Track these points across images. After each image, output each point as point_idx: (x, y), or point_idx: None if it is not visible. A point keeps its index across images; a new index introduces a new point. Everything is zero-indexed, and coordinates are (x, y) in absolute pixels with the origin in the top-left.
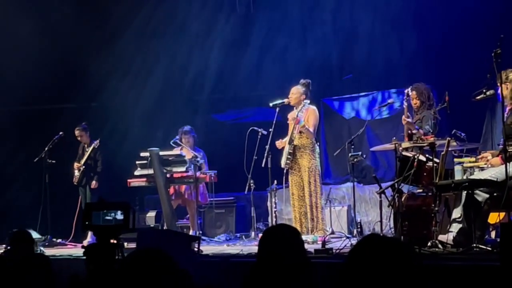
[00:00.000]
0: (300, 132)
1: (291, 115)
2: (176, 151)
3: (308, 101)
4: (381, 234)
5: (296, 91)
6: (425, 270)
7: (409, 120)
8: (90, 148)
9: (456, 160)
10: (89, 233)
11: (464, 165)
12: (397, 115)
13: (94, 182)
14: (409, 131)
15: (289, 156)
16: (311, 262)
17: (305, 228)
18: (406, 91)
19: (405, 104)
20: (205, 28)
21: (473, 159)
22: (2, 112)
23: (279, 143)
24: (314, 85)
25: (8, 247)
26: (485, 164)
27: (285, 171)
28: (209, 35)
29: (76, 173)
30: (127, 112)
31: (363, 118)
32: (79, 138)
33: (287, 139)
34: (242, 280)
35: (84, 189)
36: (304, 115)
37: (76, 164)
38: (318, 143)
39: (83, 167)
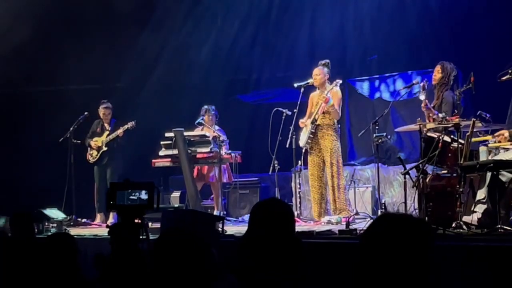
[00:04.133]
0: (324, 113)
1: (313, 96)
2: (198, 131)
3: (341, 81)
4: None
5: (319, 72)
6: (445, 249)
7: (428, 106)
8: (120, 130)
9: (474, 140)
10: (111, 214)
11: (489, 145)
12: None
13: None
14: (430, 117)
15: (311, 136)
16: (299, 241)
17: (323, 209)
18: (421, 84)
19: (422, 97)
20: (230, 8)
21: (489, 137)
22: (27, 92)
23: (302, 122)
24: (339, 66)
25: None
26: (510, 143)
27: (303, 150)
28: (234, 16)
29: (94, 152)
30: (152, 92)
31: (388, 99)
32: (104, 116)
33: (307, 118)
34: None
35: (103, 170)
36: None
37: (94, 142)
38: (339, 125)
39: (106, 148)
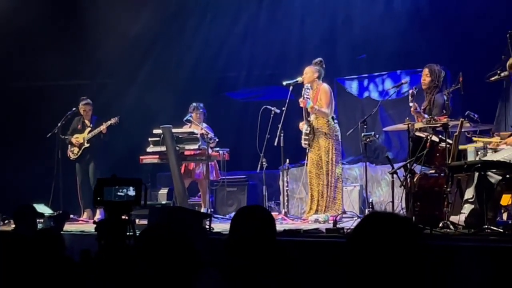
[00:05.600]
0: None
1: (300, 99)
2: (186, 128)
3: (316, 80)
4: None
5: (309, 71)
6: (432, 248)
7: (418, 109)
8: (103, 126)
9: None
10: (98, 210)
11: (476, 144)
12: None
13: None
14: (419, 120)
15: (305, 136)
16: (281, 247)
17: (320, 207)
18: (410, 91)
19: (411, 104)
20: (220, 5)
21: (485, 139)
22: (15, 88)
23: (302, 125)
24: (328, 64)
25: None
26: (500, 141)
27: (306, 150)
28: (224, 13)
29: (75, 149)
30: (140, 88)
31: (377, 98)
32: (85, 112)
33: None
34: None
35: (84, 166)
36: (316, 95)
37: (75, 139)
38: (336, 121)
39: (88, 144)
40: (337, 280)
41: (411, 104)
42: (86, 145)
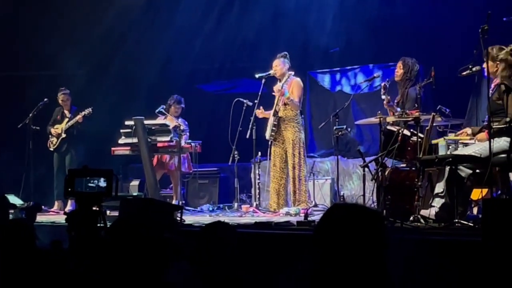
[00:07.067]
0: (285, 104)
1: (276, 87)
2: (160, 120)
3: (293, 73)
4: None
5: (279, 63)
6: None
7: (391, 103)
8: (79, 116)
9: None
10: (69, 201)
11: (447, 137)
12: None
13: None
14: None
15: (273, 128)
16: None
17: (283, 201)
18: (383, 84)
19: (384, 97)
20: None
21: (452, 135)
22: None
23: (259, 112)
24: (301, 57)
25: None
26: (470, 138)
27: (270, 142)
28: (196, 4)
29: (54, 139)
30: (112, 80)
31: (349, 92)
32: (63, 103)
33: (271, 111)
34: None
35: (62, 157)
36: (289, 87)
37: (54, 130)
38: (302, 116)
39: (65, 135)
40: (309, 272)
41: (383, 97)
42: (63, 135)
